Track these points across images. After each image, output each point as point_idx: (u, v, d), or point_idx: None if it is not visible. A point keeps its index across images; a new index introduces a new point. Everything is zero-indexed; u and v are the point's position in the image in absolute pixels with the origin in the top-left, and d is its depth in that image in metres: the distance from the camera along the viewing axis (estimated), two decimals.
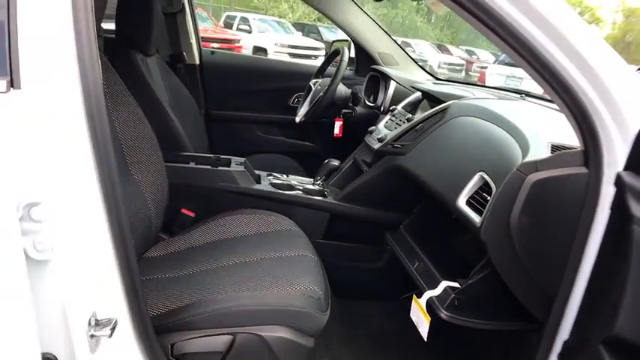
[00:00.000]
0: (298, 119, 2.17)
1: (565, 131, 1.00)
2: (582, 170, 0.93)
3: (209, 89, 2.56)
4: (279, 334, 1.11)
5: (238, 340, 1.09)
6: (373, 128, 1.89)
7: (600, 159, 0.87)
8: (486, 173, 1.22)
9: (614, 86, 0.85)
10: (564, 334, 0.95)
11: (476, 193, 1.25)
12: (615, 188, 0.82)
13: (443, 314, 1.24)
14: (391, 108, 1.95)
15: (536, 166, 1.03)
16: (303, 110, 2.20)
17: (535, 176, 1.02)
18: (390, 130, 1.78)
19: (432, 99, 1.85)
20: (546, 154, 1.11)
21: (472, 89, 1.93)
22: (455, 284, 1.30)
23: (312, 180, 1.92)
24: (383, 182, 1.74)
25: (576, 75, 0.86)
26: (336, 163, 1.94)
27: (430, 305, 1.28)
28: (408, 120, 1.73)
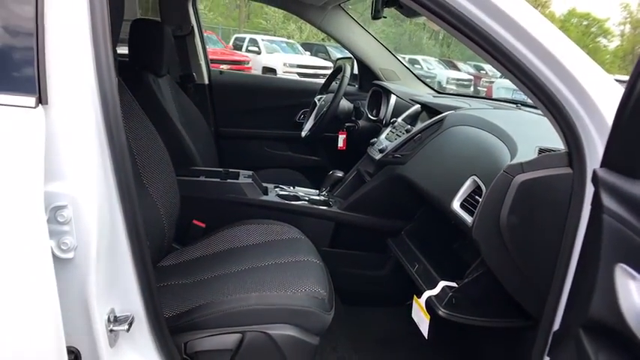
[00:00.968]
0: (304, 134, 2.25)
1: (554, 136, 1.03)
2: (567, 171, 0.98)
3: (218, 108, 2.65)
4: (285, 332, 1.16)
5: (247, 338, 1.15)
6: (375, 140, 1.97)
7: (583, 159, 0.93)
8: (478, 177, 1.28)
9: (592, 91, 0.90)
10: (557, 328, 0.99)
11: (469, 196, 1.31)
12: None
13: (441, 312, 1.28)
14: (392, 120, 2.02)
15: (522, 168, 1.08)
16: (308, 125, 2.28)
17: (521, 177, 1.07)
18: (391, 142, 1.86)
19: (431, 111, 1.92)
20: (533, 157, 1.17)
21: (469, 101, 1.99)
22: (452, 284, 1.35)
23: (317, 191, 1.99)
24: (384, 191, 1.80)
25: (557, 82, 0.92)
26: (340, 175, 2.00)
27: (429, 304, 1.33)
28: (407, 131, 1.81)
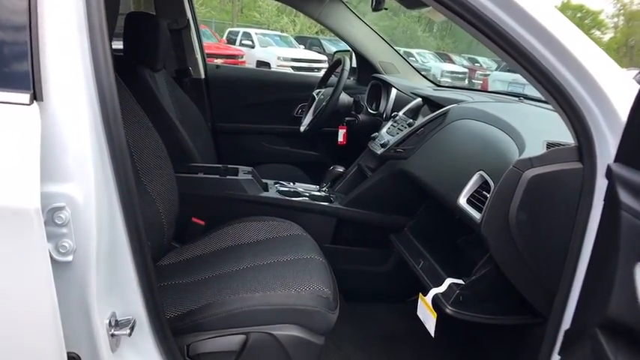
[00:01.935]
0: (303, 128, 2.22)
1: (561, 130, 1.02)
2: (577, 165, 0.96)
3: (215, 102, 2.60)
4: (290, 333, 1.14)
5: (251, 340, 1.12)
6: (376, 135, 1.94)
7: (593, 153, 0.91)
8: (485, 172, 1.26)
9: (603, 84, 0.88)
10: (567, 326, 0.97)
11: (476, 192, 1.29)
12: (607, 180, 0.85)
13: (448, 310, 1.26)
14: (393, 114, 1.99)
15: (531, 163, 1.06)
16: (307, 120, 2.25)
17: (531, 172, 1.05)
18: (393, 136, 1.83)
19: (433, 104, 1.89)
20: (541, 152, 1.14)
21: (471, 94, 1.97)
22: (459, 281, 1.33)
23: (317, 187, 1.96)
24: (387, 186, 1.78)
25: (567, 75, 0.90)
26: (341, 170, 1.98)
27: (436, 302, 1.31)
28: (410, 125, 1.78)
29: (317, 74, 2.60)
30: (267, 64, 12.13)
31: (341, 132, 2.23)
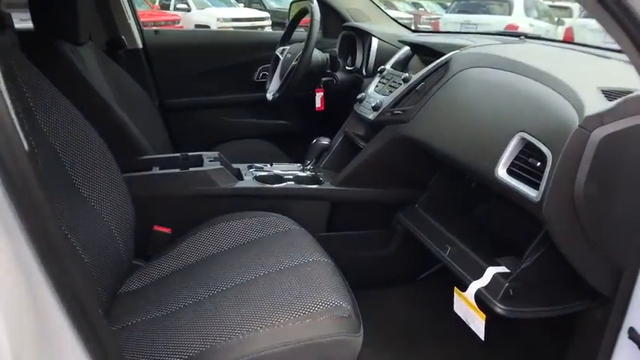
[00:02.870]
0: (270, 96, 1.88)
1: (607, 72, 0.91)
2: None
3: (159, 76, 2.25)
4: None
5: None
6: (362, 95, 1.63)
7: None
8: (528, 133, 0.99)
9: None
10: (635, 307, 0.84)
11: (517, 159, 1.03)
12: None
13: (499, 309, 1.02)
14: (379, 69, 1.69)
15: (601, 120, 0.85)
16: (274, 85, 1.91)
17: (601, 131, 0.85)
18: (385, 95, 1.52)
19: (425, 52, 1.60)
20: (605, 103, 0.91)
21: (469, 37, 1.68)
22: (503, 269, 1.09)
23: (300, 165, 1.66)
24: (386, 157, 1.49)
25: None
26: (326, 142, 1.68)
27: (479, 298, 1.07)
28: (405, 80, 1.47)
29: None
30: (206, 27, 11.44)
31: (318, 96, 1.89)
